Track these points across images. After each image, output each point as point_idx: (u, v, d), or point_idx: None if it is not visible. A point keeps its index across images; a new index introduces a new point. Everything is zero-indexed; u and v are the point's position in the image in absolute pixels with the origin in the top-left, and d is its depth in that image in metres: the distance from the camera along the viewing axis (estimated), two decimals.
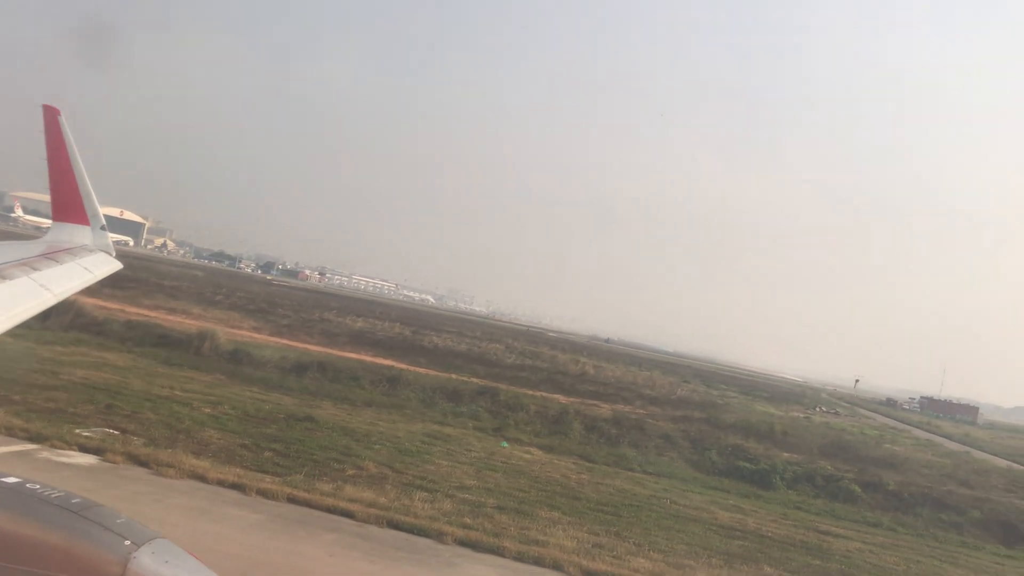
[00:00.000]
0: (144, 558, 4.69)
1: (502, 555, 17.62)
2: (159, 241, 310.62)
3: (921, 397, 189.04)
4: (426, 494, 21.40)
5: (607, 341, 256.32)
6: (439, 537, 17.88)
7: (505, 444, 34.55)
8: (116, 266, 11.86)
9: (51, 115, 11.71)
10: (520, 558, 17.62)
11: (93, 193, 12.20)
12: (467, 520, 19.55)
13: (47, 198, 12.73)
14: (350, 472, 22.40)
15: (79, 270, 10.33)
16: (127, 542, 4.74)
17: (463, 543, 17.91)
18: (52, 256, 10.14)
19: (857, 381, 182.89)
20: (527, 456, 32.36)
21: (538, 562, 17.61)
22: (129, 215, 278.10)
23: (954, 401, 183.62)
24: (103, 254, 11.79)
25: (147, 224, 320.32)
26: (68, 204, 12.12)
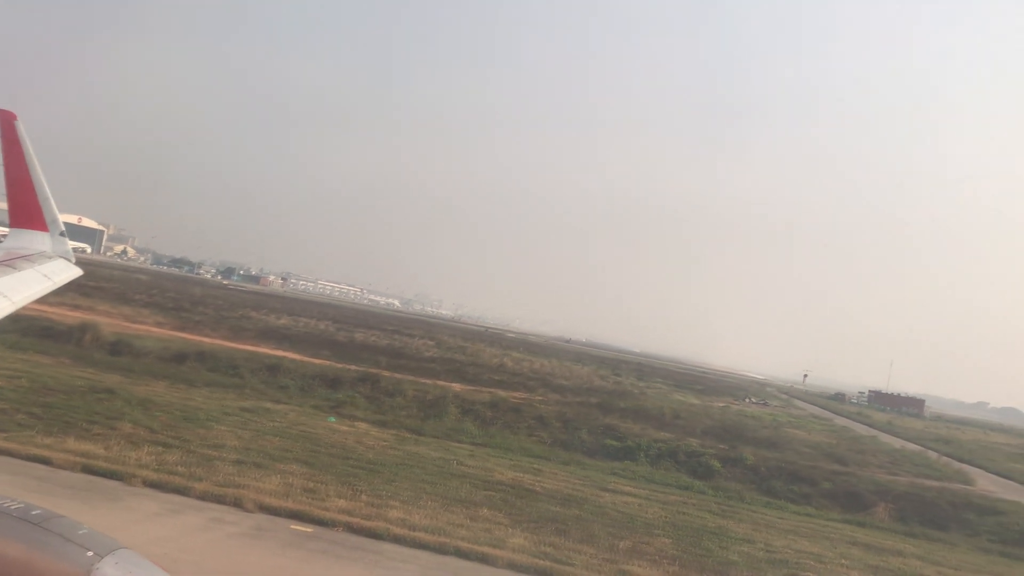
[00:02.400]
0: (107, 569, 4.46)
1: (186, 495, 18.48)
2: (119, 248, 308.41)
3: (869, 391, 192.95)
4: (160, 448, 22.20)
5: (567, 341, 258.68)
6: (128, 479, 18.72)
7: (332, 419, 35.36)
8: (76, 272, 11.65)
9: (7, 120, 11.38)
10: (203, 497, 18.49)
11: (52, 199, 11.92)
12: (179, 468, 20.37)
13: (3, 205, 12.42)
14: (96, 431, 23.13)
15: (38, 277, 10.07)
16: (89, 553, 4.51)
17: (152, 485, 18.74)
18: (9, 263, 9.92)
19: (805, 376, 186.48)
20: (344, 428, 33.17)
21: (219, 499, 18.50)
22: (88, 222, 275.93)
23: (902, 395, 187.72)
24: (62, 260, 11.55)
25: (107, 231, 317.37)
26: (26, 210, 11.81)
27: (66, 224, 12.54)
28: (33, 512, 4.69)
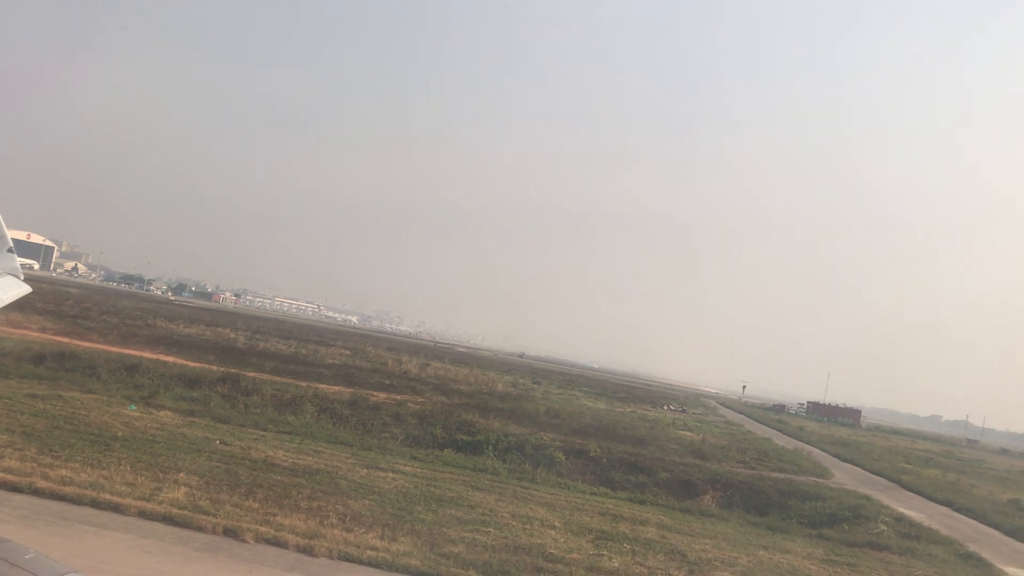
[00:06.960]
0: None
1: None
2: (70, 264, 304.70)
3: (808, 402, 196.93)
4: None
5: (520, 356, 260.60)
6: None
7: (133, 407, 35.73)
8: (25, 289, 11.13)
9: None
10: None
11: (0, 215, 11.53)
12: None
13: None
14: None
15: None
16: None
17: None
18: None
19: (744, 387, 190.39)
20: (136, 415, 33.53)
21: None
22: (36, 238, 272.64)
23: (839, 406, 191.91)
24: (11, 277, 10.92)
25: (60, 248, 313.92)
26: None
27: (15, 240, 12.45)
28: None
